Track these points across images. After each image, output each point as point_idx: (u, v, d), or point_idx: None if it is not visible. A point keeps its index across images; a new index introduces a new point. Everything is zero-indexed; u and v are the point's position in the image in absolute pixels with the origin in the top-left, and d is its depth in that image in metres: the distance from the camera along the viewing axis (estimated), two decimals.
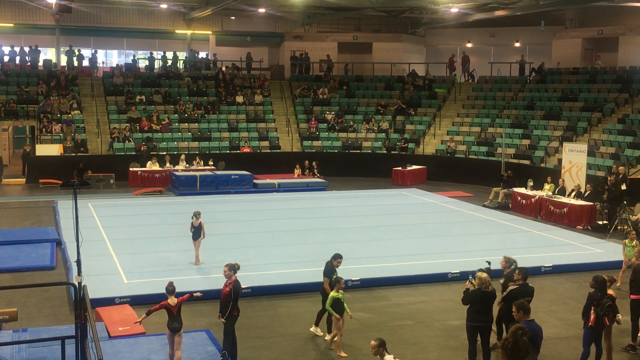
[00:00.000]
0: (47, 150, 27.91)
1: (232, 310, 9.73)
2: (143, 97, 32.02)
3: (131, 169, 26.87)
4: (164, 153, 28.39)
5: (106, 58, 38.97)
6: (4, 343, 9.69)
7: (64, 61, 34.66)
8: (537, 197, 21.72)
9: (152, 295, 11.92)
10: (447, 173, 29.23)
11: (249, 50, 37.87)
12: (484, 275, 9.56)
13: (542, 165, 26.62)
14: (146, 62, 35.94)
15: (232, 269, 9.85)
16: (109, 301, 12.25)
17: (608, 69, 32.30)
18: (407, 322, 11.87)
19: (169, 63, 35.92)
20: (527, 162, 27.23)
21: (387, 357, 7.78)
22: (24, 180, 27.60)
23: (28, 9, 34.55)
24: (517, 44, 38.23)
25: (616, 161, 23.66)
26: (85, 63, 35.07)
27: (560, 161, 24.34)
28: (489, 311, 9.61)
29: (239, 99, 33.32)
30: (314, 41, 38.55)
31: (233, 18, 37.92)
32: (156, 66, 35.77)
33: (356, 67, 38.33)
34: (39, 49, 34.06)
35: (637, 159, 23.85)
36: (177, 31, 37.53)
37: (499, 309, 10.11)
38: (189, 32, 37.63)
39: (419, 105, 34.12)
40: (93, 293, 11.17)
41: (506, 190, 23.44)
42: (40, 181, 26.65)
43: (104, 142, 29.10)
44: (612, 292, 9.91)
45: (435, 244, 17.25)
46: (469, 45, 39.02)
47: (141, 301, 12.13)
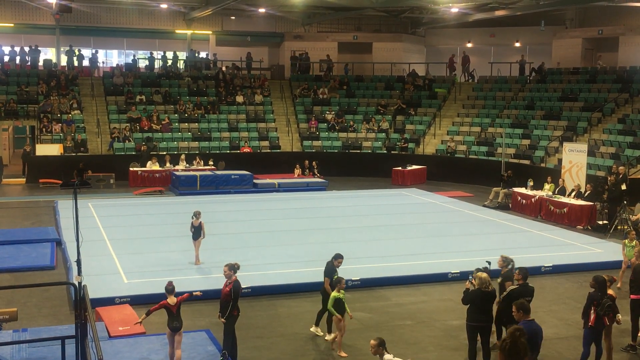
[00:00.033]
0: (47, 150, 27.90)
1: (232, 310, 9.73)
2: (143, 97, 32.02)
3: (131, 168, 26.87)
4: (164, 153, 28.39)
5: (106, 58, 38.95)
6: (4, 343, 9.70)
7: (64, 61, 34.66)
8: (537, 197, 21.72)
9: (152, 295, 11.91)
10: (447, 173, 29.23)
11: (249, 50, 37.87)
12: (484, 275, 9.56)
13: (542, 165, 26.62)
14: (146, 62, 35.93)
15: (232, 268, 9.86)
16: (109, 301, 12.26)
17: (608, 68, 32.28)
18: (407, 322, 11.87)
19: (169, 63, 35.91)
20: (527, 162, 27.23)
21: (387, 357, 7.80)
22: (24, 180, 27.60)
23: (28, 8, 34.55)
24: (517, 44, 38.23)
25: (616, 161, 23.66)
26: (86, 63, 35.09)
27: (560, 161, 24.34)
28: (489, 311, 9.62)
29: (239, 98, 33.31)
30: (314, 41, 38.54)
31: (233, 18, 37.92)
32: (156, 66, 35.77)
33: (356, 67, 38.32)
34: (39, 48, 34.06)
35: (637, 159, 23.85)
36: (177, 31, 37.53)
37: (497, 309, 10.11)
38: (189, 32, 37.63)
39: (419, 105, 34.11)
40: (93, 293, 11.16)
41: (506, 190, 23.44)
42: (41, 181, 26.64)
43: (104, 142, 29.10)
44: (612, 292, 9.91)
45: (435, 244, 17.25)
46: (469, 45, 39.02)
47: (141, 301, 12.13)
